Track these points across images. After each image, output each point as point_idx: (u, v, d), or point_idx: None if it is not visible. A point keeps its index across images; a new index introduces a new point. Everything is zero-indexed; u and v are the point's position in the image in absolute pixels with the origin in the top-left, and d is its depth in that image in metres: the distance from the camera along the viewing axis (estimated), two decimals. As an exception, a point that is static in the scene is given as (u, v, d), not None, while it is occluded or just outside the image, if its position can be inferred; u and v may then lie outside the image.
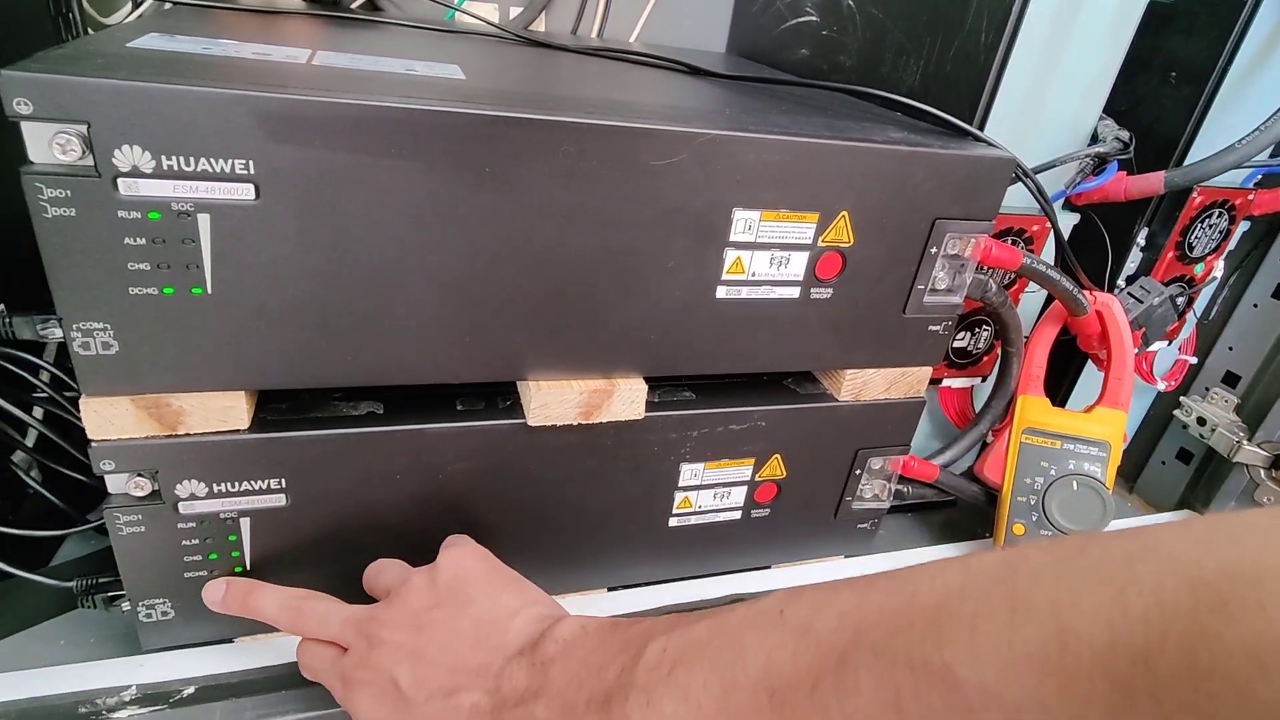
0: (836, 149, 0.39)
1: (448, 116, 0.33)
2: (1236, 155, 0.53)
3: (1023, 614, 0.22)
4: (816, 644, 0.26)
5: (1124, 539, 0.23)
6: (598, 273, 0.39)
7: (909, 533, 0.64)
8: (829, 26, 0.61)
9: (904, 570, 0.27)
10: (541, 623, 0.35)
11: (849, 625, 0.26)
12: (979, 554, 0.26)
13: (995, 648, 0.22)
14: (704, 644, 0.29)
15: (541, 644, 0.34)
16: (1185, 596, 0.19)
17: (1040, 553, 0.24)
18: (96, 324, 0.33)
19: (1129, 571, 0.21)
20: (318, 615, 0.38)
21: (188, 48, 0.36)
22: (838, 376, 0.49)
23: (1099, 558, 0.22)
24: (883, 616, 0.26)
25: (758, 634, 0.28)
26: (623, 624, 0.33)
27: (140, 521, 0.38)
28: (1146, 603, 0.20)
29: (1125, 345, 0.55)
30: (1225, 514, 0.18)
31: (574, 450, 0.44)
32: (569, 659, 0.32)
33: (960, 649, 0.23)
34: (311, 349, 0.36)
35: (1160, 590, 0.20)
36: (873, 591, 0.27)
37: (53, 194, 0.30)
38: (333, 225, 0.34)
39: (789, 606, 0.29)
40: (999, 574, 0.24)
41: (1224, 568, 0.19)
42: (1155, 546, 0.22)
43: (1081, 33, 0.50)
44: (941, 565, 0.26)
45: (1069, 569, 0.22)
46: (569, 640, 0.33)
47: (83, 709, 0.40)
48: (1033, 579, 0.23)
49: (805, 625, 0.27)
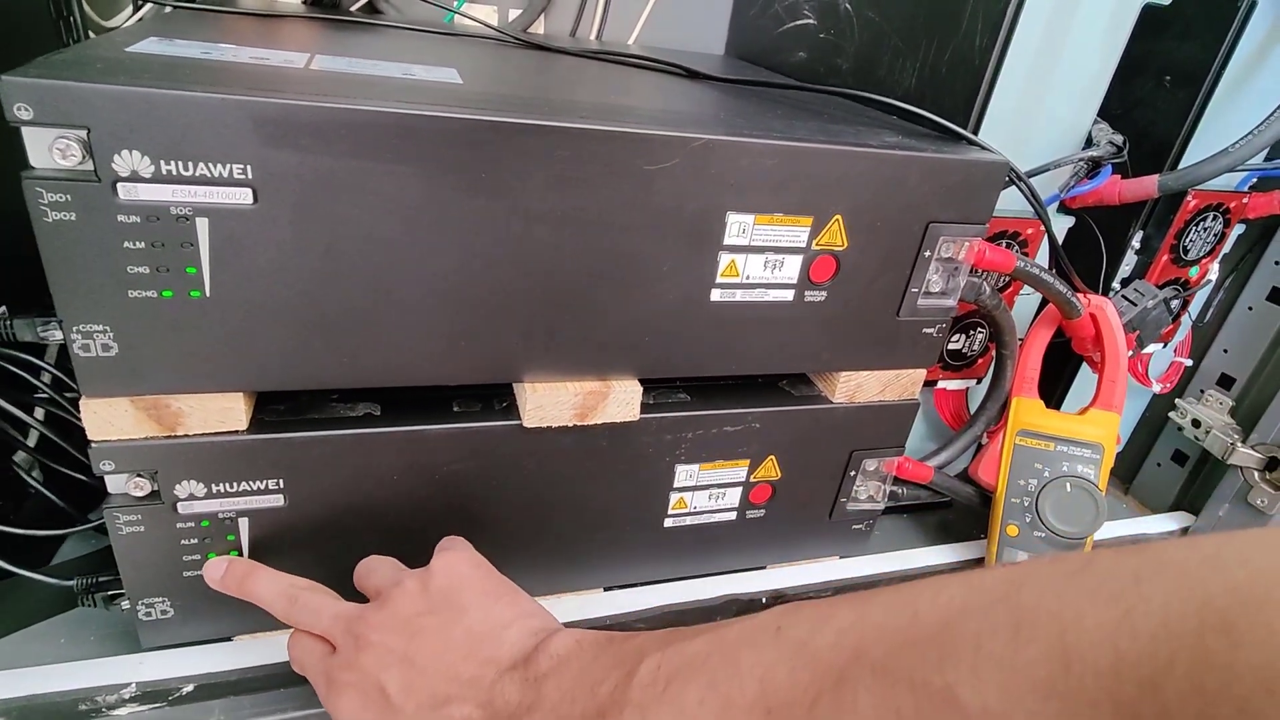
0: (830, 153, 0.40)
1: (443, 122, 0.33)
2: (1231, 159, 0.53)
3: (1026, 633, 0.22)
4: (814, 662, 0.26)
5: (1130, 555, 0.22)
6: (593, 276, 0.39)
7: (904, 534, 0.64)
8: (826, 30, 0.61)
9: (905, 587, 0.27)
10: (535, 636, 0.35)
11: (848, 643, 0.26)
12: (981, 571, 0.26)
13: (998, 668, 0.22)
14: (699, 661, 0.29)
15: (535, 658, 0.33)
16: (1192, 617, 0.19)
17: (1044, 569, 0.23)
18: (96, 326, 0.33)
19: (1136, 591, 0.20)
20: (310, 607, 0.38)
21: (187, 52, 0.37)
22: (832, 378, 0.50)
23: (1104, 575, 0.22)
24: (883, 634, 0.25)
25: (754, 651, 0.28)
26: (617, 639, 0.33)
27: (140, 521, 0.38)
28: (1153, 623, 0.19)
29: (1119, 348, 0.55)
30: (1234, 532, 0.18)
31: (569, 451, 0.45)
32: (563, 674, 0.32)
33: (962, 669, 0.22)
34: (309, 351, 0.37)
35: (1167, 611, 0.19)
36: (872, 609, 0.26)
37: (53, 198, 0.30)
38: (330, 229, 0.34)
39: (786, 623, 0.28)
40: (1002, 591, 0.23)
41: (1231, 588, 0.19)
42: (1162, 564, 0.21)
43: (1076, 36, 0.51)
44: (943, 582, 0.26)
45: (1073, 587, 0.22)
46: (563, 655, 0.33)
47: (83, 706, 0.40)
48: (1036, 596, 0.22)
49: (803, 642, 0.27)
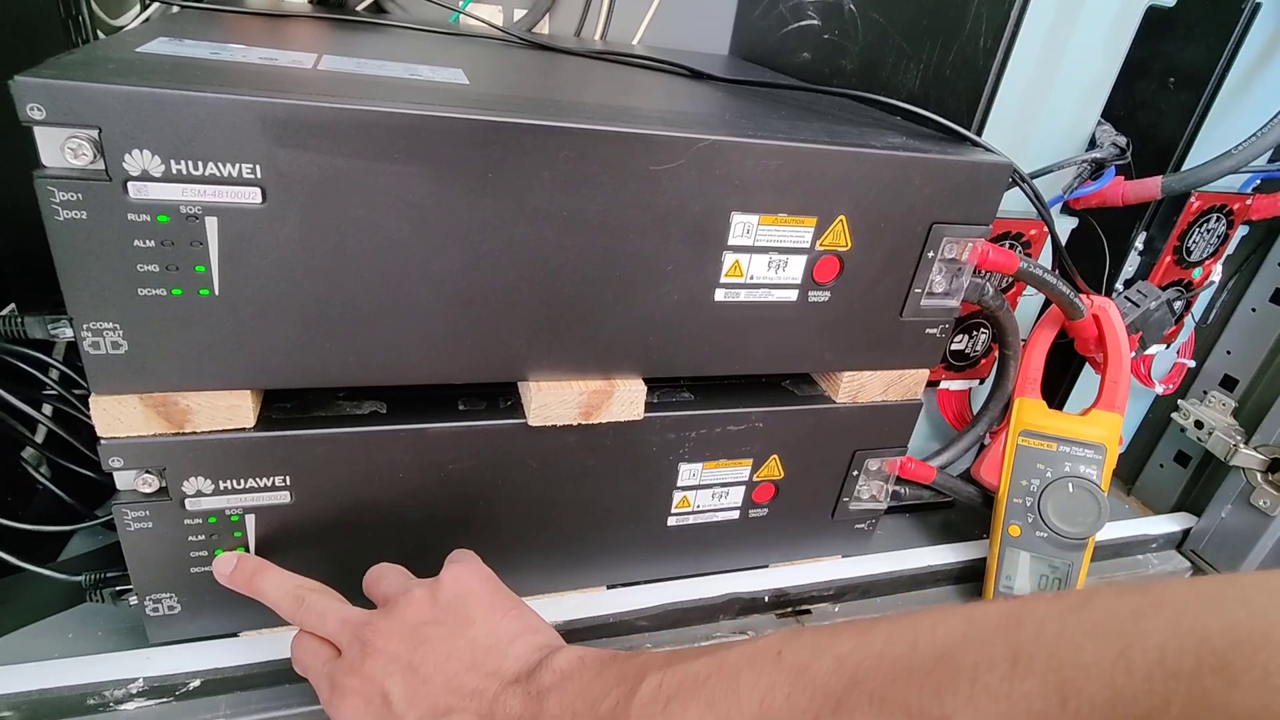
0: (835, 154, 0.40)
1: (450, 122, 0.34)
2: (1234, 160, 0.53)
3: (1024, 666, 0.22)
4: (813, 687, 0.26)
5: (1130, 593, 0.22)
6: (598, 275, 0.39)
7: (906, 533, 0.65)
8: (830, 30, 0.61)
9: (906, 616, 0.27)
10: (539, 651, 0.35)
11: (847, 670, 0.26)
12: (982, 604, 0.26)
13: (995, 700, 0.22)
14: (700, 681, 0.29)
15: (538, 673, 0.33)
16: (1190, 656, 0.19)
17: (1044, 604, 0.24)
18: (106, 324, 0.34)
19: (1134, 628, 0.21)
20: (317, 610, 0.38)
21: (196, 52, 0.37)
22: (835, 378, 0.50)
23: (1103, 612, 0.22)
24: (882, 662, 0.25)
25: (754, 674, 0.28)
26: (620, 657, 0.33)
27: (148, 517, 0.39)
28: (1150, 661, 0.20)
29: (1121, 349, 0.55)
30: (1235, 574, 0.18)
31: (574, 450, 0.45)
32: (565, 690, 0.32)
33: (960, 699, 0.22)
34: (316, 349, 0.37)
35: (1164, 649, 0.20)
36: (873, 636, 0.27)
37: (64, 197, 0.31)
38: (337, 228, 0.34)
39: (787, 647, 0.28)
40: (1001, 624, 0.24)
41: (1229, 628, 0.19)
42: (1161, 602, 0.21)
43: (1080, 38, 0.51)
44: (944, 613, 0.26)
45: (1071, 622, 0.22)
46: (566, 671, 0.33)
47: (91, 701, 0.41)
48: (1034, 631, 0.23)
49: (802, 667, 0.27)
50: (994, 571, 0.57)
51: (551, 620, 0.40)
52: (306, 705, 0.43)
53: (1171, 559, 0.69)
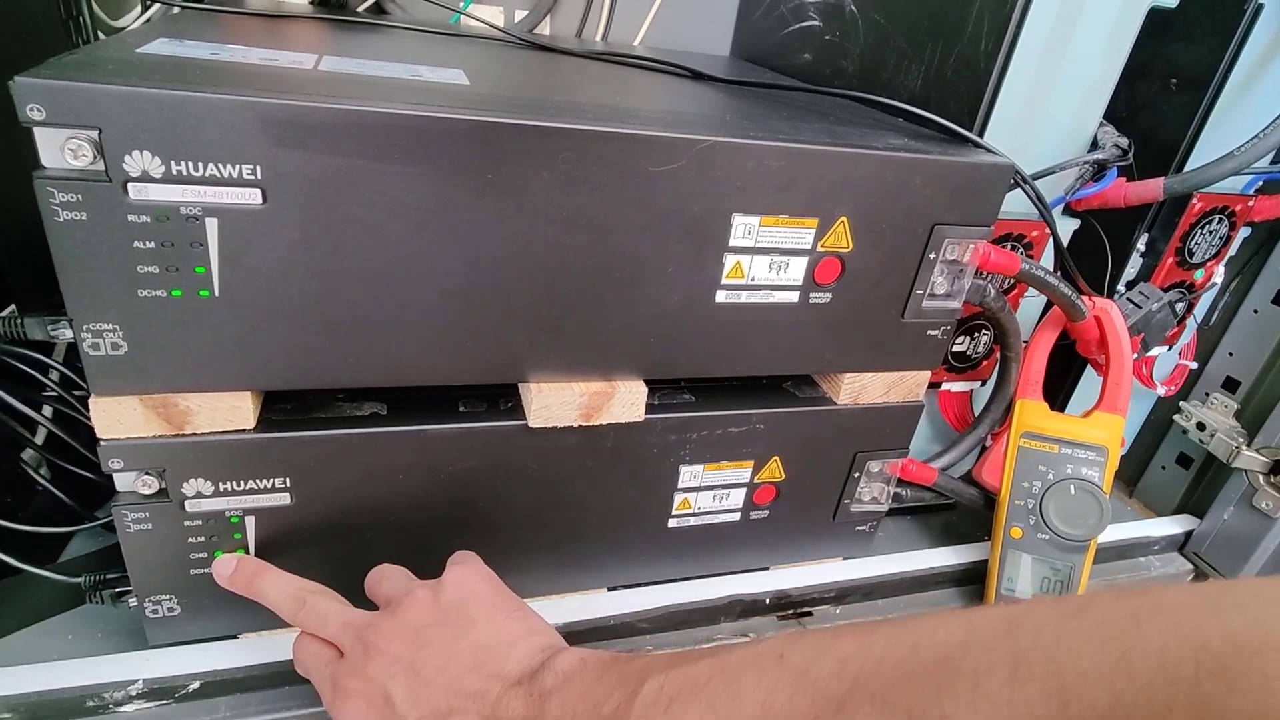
0: (836, 155, 0.40)
1: (451, 123, 0.34)
2: (1236, 162, 0.53)
3: (1024, 671, 0.22)
4: (814, 689, 0.26)
5: (1129, 598, 0.22)
6: (598, 277, 0.39)
7: (907, 535, 0.65)
8: (832, 31, 0.61)
9: (908, 620, 0.27)
10: (542, 653, 0.35)
11: (849, 673, 0.26)
12: (983, 609, 0.26)
13: (995, 704, 0.22)
14: (702, 683, 0.29)
15: (540, 675, 0.34)
16: (1189, 662, 0.19)
17: (1044, 609, 0.24)
18: (106, 325, 0.34)
19: (1134, 632, 0.21)
20: (318, 612, 0.38)
21: (196, 53, 0.37)
22: (836, 380, 0.50)
23: (1103, 617, 0.22)
24: (883, 666, 0.25)
25: (756, 676, 0.28)
26: (622, 659, 0.33)
27: (147, 519, 0.39)
28: (1150, 666, 0.20)
29: (1123, 350, 0.55)
30: (1236, 580, 0.19)
31: (574, 451, 0.45)
32: (567, 691, 0.32)
33: (960, 703, 0.23)
34: (316, 350, 0.37)
35: (1164, 654, 0.20)
36: (875, 640, 0.27)
37: (64, 198, 0.31)
38: (337, 229, 0.34)
39: (789, 650, 0.29)
40: (1002, 629, 0.24)
41: (1228, 634, 0.19)
42: (1160, 607, 0.21)
43: (1081, 39, 0.51)
44: (945, 617, 0.26)
45: (1071, 627, 0.22)
46: (568, 672, 0.33)
47: (90, 702, 0.41)
48: (1035, 636, 0.23)
49: (804, 670, 0.27)
50: (996, 574, 0.57)
51: (553, 622, 0.40)
52: (306, 707, 0.43)
53: (1174, 561, 0.69)
